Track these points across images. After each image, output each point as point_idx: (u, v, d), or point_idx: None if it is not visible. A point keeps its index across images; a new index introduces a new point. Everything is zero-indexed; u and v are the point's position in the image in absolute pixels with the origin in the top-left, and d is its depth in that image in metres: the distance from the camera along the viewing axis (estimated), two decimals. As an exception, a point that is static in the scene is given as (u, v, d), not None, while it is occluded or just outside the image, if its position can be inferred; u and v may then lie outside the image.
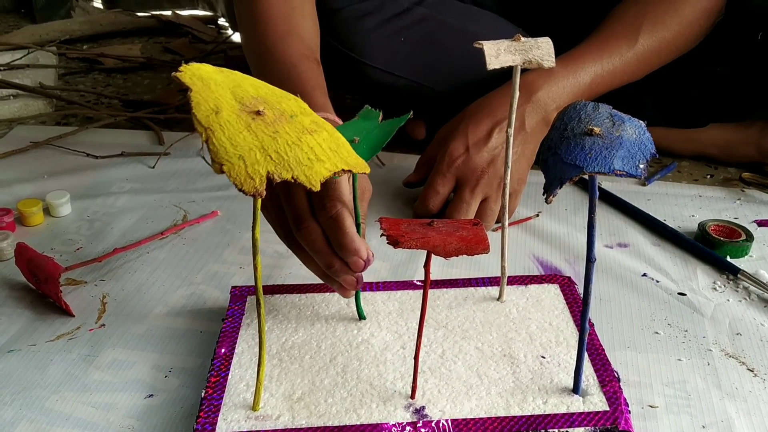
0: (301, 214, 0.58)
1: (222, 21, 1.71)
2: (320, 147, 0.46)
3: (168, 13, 1.72)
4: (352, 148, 0.51)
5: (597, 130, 0.47)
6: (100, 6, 1.80)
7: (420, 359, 0.53)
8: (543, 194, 0.47)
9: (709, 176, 0.96)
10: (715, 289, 0.71)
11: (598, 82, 0.84)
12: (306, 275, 0.73)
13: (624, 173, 0.46)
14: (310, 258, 0.60)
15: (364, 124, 0.59)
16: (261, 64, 0.81)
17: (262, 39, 0.79)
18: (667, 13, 0.87)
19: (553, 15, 1.04)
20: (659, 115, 0.99)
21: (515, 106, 0.58)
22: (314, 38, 0.83)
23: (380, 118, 0.60)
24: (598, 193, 0.48)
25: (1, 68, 1.26)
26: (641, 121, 0.50)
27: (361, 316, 0.62)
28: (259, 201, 0.45)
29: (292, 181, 0.44)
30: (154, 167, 0.97)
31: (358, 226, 0.59)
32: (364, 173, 0.50)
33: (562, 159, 0.47)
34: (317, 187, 0.45)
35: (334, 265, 0.58)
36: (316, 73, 0.75)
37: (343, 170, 0.46)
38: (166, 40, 1.58)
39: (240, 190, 0.43)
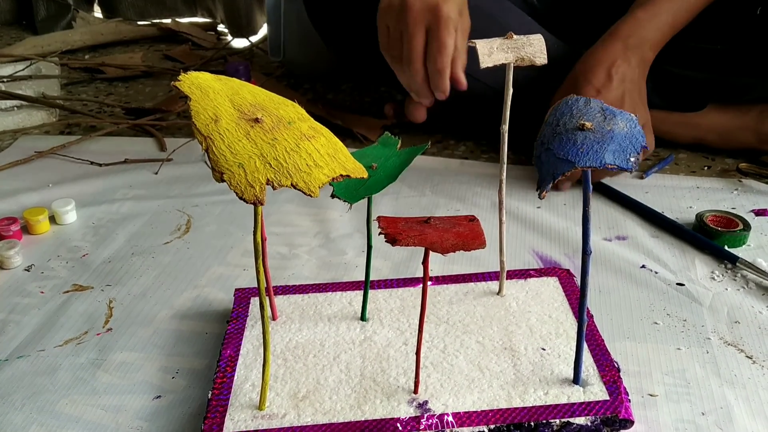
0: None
1: (221, 27, 1.72)
2: (318, 153, 0.47)
3: (168, 21, 1.73)
4: (369, 174, 0.52)
5: (588, 124, 0.48)
6: (101, 16, 1.81)
7: (422, 354, 0.54)
8: (536, 190, 0.48)
9: (706, 167, 0.97)
10: (713, 278, 0.72)
11: (677, 18, 0.91)
12: (308, 276, 0.74)
13: (615, 167, 0.46)
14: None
15: (383, 150, 0.60)
16: None
17: None
18: None
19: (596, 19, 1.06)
20: (659, 96, 0.99)
21: (509, 102, 0.59)
22: None
23: (398, 146, 0.61)
24: (591, 187, 0.49)
25: (5, 80, 1.28)
26: (633, 115, 0.51)
27: (364, 318, 0.63)
28: (260, 207, 0.46)
29: (292, 188, 0.45)
30: (157, 173, 0.98)
31: (370, 250, 0.60)
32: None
33: (554, 154, 0.48)
34: (316, 194, 0.45)
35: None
36: None
37: (341, 175, 0.47)
38: (166, 48, 1.60)
39: (240, 198, 0.44)
